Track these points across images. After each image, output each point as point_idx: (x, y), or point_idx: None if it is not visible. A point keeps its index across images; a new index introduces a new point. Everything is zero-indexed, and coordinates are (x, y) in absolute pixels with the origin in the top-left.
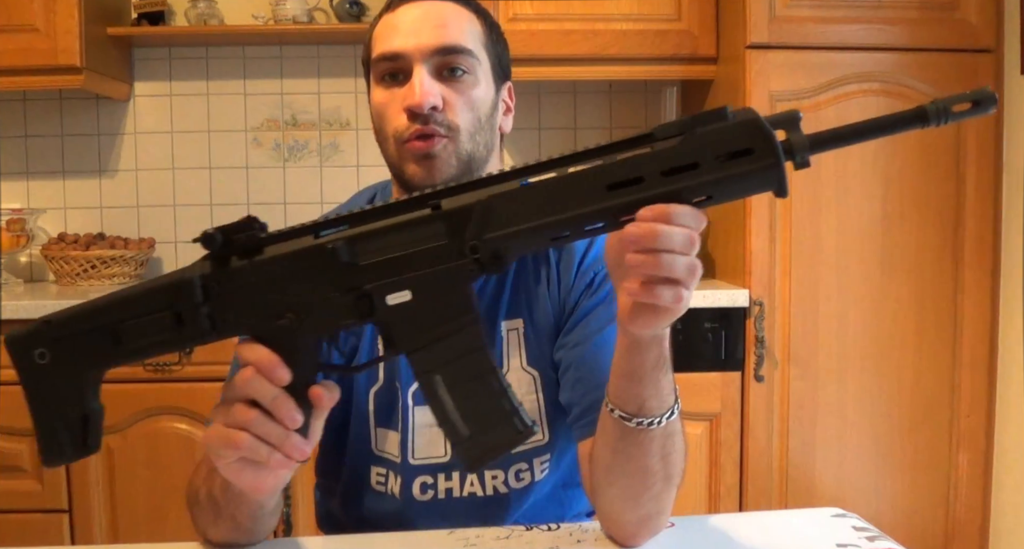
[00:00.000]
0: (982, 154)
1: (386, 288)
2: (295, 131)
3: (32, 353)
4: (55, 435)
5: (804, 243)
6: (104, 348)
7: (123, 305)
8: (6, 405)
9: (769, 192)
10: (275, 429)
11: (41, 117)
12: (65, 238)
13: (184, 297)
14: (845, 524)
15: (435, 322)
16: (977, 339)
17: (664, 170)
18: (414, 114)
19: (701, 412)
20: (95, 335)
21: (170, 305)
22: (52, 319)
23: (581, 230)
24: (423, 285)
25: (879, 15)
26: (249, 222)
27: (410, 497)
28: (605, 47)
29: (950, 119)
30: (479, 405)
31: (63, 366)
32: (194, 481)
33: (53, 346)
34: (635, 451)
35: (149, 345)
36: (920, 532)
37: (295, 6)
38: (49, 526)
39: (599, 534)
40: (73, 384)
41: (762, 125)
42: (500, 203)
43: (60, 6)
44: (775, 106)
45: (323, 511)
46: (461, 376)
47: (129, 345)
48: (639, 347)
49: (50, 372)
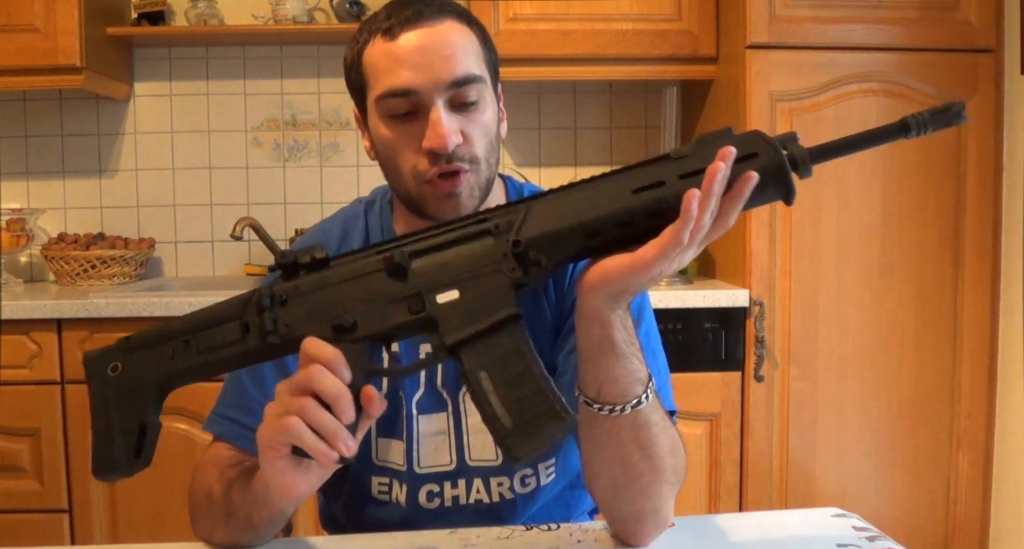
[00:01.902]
0: (982, 154)
1: (436, 288)
2: (295, 131)
3: (106, 366)
4: (111, 446)
5: (804, 243)
6: (173, 358)
7: (196, 318)
8: (6, 405)
9: (779, 201)
10: (329, 420)
11: (41, 117)
12: (65, 238)
13: (253, 307)
14: (845, 524)
15: (481, 318)
16: (977, 339)
17: (681, 174)
18: (436, 155)
19: (701, 412)
20: (167, 346)
21: (239, 316)
22: (131, 337)
23: (611, 229)
24: (470, 285)
25: (879, 15)
26: (316, 246)
27: (416, 505)
28: (605, 47)
29: (929, 129)
30: (524, 400)
31: (132, 376)
32: (203, 480)
33: (126, 357)
34: (605, 439)
35: (217, 355)
36: (920, 532)
37: (295, 6)
38: (49, 526)
39: (599, 534)
40: (138, 394)
41: (763, 134)
42: (541, 210)
43: (60, 6)
44: (775, 106)
45: (327, 514)
46: (506, 373)
47: (198, 356)
48: (582, 324)
49: (119, 382)
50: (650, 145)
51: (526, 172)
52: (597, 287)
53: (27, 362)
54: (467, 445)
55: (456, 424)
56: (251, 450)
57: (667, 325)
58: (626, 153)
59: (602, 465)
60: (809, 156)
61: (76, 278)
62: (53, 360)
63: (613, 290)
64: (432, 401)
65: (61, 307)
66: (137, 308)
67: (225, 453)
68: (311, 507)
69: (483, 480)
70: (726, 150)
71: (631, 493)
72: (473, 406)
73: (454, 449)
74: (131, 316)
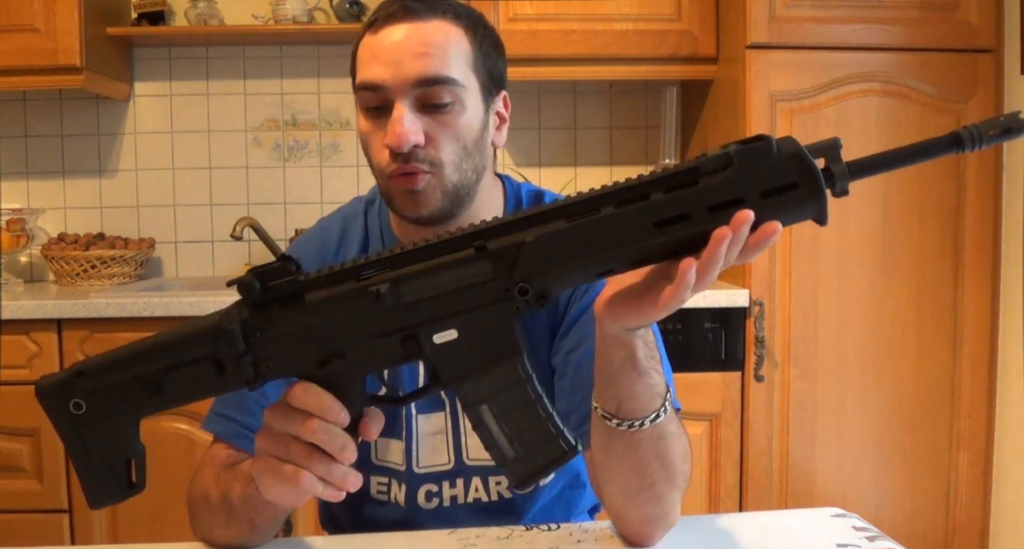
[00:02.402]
0: (982, 154)
1: (432, 327)
2: (295, 131)
3: (67, 403)
4: (100, 478)
5: (804, 243)
6: (143, 397)
7: (160, 353)
8: (6, 405)
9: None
10: (337, 469)
11: (41, 117)
12: (65, 238)
13: (225, 346)
14: (845, 524)
15: (481, 358)
16: (977, 339)
17: (711, 205)
18: (394, 153)
19: (701, 412)
20: (133, 384)
21: (211, 354)
22: (84, 369)
23: (627, 267)
24: (469, 323)
25: (879, 15)
26: (285, 264)
27: (415, 505)
28: (605, 47)
29: (984, 144)
30: (525, 431)
31: (101, 415)
32: (202, 483)
33: (89, 397)
34: (624, 451)
35: (190, 393)
36: (920, 532)
37: (295, 6)
38: (49, 526)
39: (599, 534)
40: (113, 431)
41: (806, 159)
42: (549, 242)
43: (60, 6)
44: (775, 106)
45: (326, 514)
46: (507, 405)
47: (169, 393)
48: (603, 344)
49: (88, 421)
50: (650, 145)
51: (526, 172)
52: (616, 320)
53: (27, 362)
54: (465, 445)
55: (454, 424)
56: (249, 450)
57: (667, 325)
58: (626, 153)
59: (616, 473)
60: (849, 172)
61: (76, 278)
62: (53, 360)
63: (629, 325)
64: (430, 401)
65: (61, 307)
66: (137, 308)
67: (223, 453)
68: (311, 507)
69: (482, 479)
70: (742, 216)
71: (643, 499)
72: None
73: (452, 448)
74: (131, 316)
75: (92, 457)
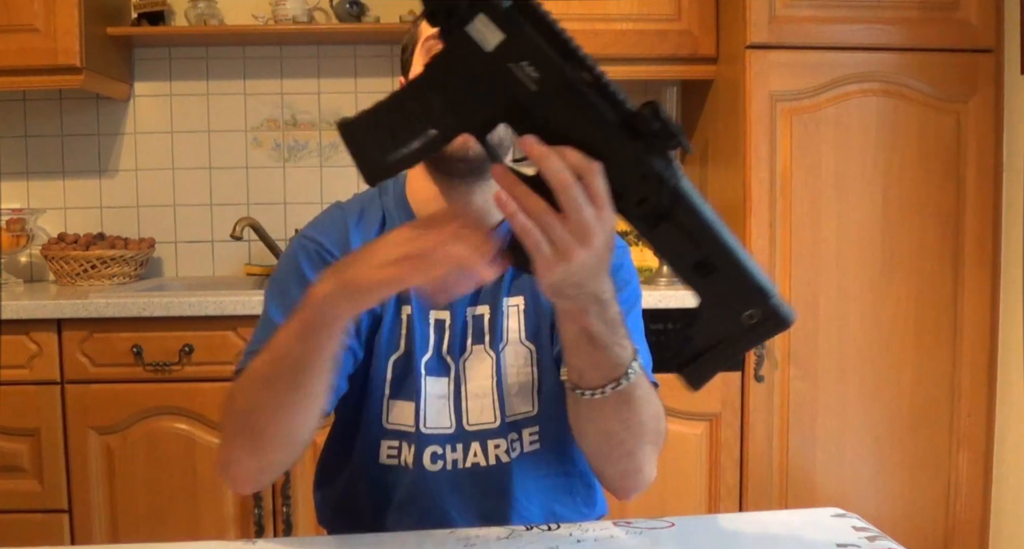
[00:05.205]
0: (982, 154)
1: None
2: (295, 131)
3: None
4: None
5: (804, 243)
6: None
7: None
8: (6, 405)
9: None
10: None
11: (41, 117)
12: (65, 238)
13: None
14: (845, 524)
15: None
16: (977, 339)
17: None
18: None
19: (701, 412)
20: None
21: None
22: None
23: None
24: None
25: (879, 15)
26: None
27: (421, 467)
28: (605, 47)
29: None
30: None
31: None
32: (256, 367)
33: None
34: (589, 415)
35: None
36: (920, 532)
37: (295, 6)
38: (49, 526)
39: (599, 534)
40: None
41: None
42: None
43: (60, 6)
44: (775, 106)
45: (326, 514)
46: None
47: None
48: (559, 320)
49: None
50: None
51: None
52: (546, 294)
53: (27, 362)
54: (465, 410)
55: (456, 390)
56: None
57: (667, 325)
58: None
59: (585, 434)
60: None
61: (76, 278)
62: (53, 360)
63: (568, 294)
64: (437, 365)
65: (61, 307)
66: (137, 308)
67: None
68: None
69: (480, 443)
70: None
71: (614, 457)
72: (472, 372)
73: (453, 413)
74: (131, 316)
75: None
